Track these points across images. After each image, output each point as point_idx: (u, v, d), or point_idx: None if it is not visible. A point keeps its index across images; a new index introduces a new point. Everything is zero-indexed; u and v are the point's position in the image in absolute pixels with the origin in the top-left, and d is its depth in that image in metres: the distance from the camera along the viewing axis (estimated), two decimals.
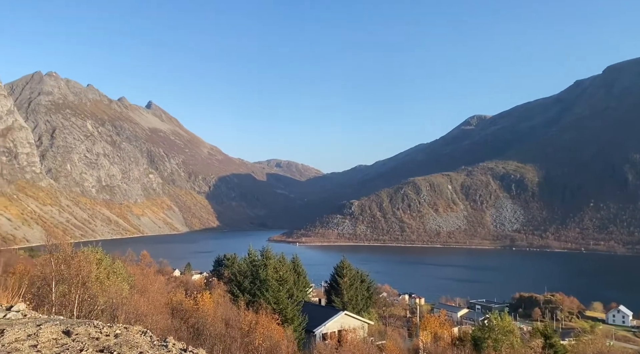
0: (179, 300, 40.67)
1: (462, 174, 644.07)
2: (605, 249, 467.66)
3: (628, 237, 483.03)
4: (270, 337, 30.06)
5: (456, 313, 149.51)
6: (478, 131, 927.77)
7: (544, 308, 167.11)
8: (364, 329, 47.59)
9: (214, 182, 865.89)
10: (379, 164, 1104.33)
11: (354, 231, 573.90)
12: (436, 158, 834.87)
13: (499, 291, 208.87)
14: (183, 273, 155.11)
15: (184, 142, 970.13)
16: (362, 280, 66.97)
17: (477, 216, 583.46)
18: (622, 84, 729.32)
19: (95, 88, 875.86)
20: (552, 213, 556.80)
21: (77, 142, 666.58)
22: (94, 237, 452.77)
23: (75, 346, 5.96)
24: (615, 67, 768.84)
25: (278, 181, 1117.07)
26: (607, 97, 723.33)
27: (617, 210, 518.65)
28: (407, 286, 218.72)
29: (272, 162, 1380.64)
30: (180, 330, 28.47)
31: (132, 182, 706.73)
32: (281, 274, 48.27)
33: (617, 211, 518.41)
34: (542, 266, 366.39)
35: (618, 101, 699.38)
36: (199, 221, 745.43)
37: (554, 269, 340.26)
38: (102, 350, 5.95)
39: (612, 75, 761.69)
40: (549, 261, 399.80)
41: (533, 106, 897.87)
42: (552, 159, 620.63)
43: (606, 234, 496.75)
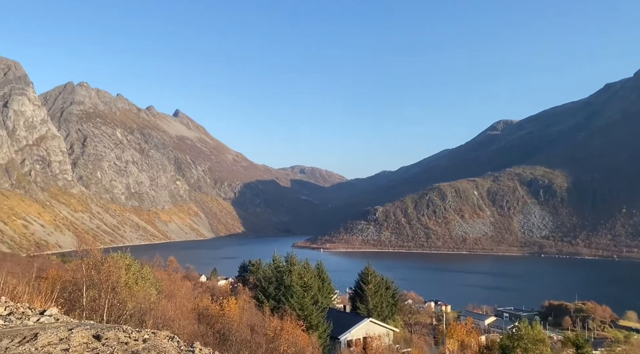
0: (205, 305, 41.12)
1: (488, 179, 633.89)
2: (638, 257, 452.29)
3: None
4: (295, 343, 30.08)
5: (483, 320, 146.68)
6: (504, 135, 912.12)
7: (575, 317, 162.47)
8: (389, 337, 47.18)
9: (239, 188, 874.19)
10: (404, 170, 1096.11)
11: (379, 237, 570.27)
12: (461, 164, 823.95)
13: (527, 298, 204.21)
14: (209, 278, 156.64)
15: (209, 149, 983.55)
16: (387, 287, 66.47)
17: (504, 222, 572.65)
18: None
19: (124, 97, 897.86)
20: (582, 219, 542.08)
21: (107, 150, 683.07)
22: (123, 243, 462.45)
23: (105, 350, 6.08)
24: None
25: (302, 187, 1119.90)
26: (639, 101, 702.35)
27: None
28: (433, 293, 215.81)
29: (296, 169, 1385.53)
30: (206, 335, 28.77)
31: (160, 189, 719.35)
32: (306, 281, 48.31)
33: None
34: (572, 273, 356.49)
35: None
36: (225, 227, 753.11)
37: (584, 277, 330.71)
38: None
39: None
40: (579, 269, 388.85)
41: (561, 110, 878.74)
42: (581, 164, 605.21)
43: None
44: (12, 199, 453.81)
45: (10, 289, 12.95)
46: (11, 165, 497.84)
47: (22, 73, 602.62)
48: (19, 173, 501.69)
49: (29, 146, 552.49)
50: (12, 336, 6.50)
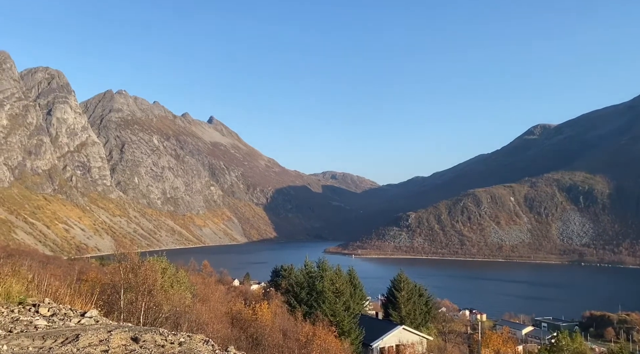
0: (238, 310, 41.50)
1: (525, 185, 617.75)
2: None
3: None
4: (327, 349, 29.98)
5: (520, 330, 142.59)
6: (542, 140, 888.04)
7: (618, 328, 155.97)
8: (422, 345, 46.46)
9: (271, 194, 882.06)
10: (437, 176, 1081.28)
11: (411, 244, 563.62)
12: (497, 169, 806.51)
13: (566, 308, 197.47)
14: (242, 282, 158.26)
15: (242, 155, 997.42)
16: (420, 294, 65.53)
17: (542, 229, 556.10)
18: None
19: (160, 105, 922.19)
20: (625, 227, 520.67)
21: (144, 156, 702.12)
22: (159, 247, 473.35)
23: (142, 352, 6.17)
24: None
25: (333, 192, 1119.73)
26: None
27: None
28: (467, 301, 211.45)
29: (327, 174, 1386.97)
30: (239, 339, 29.02)
31: (195, 194, 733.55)
32: (337, 286, 48.15)
33: None
34: (615, 283, 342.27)
35: None
36: (257, 232, 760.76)
37: (628, 287, 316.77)
38: None
39: None
40: (622, 278, 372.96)
41: (602, 113, 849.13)
42: (624, 169, 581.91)
43: None
44: (54, 204, 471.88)
45: (53, 291, 13.40)
46: (54, 171, 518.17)
47: (64, 82, 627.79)
48: (61, 179, 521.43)
49: (70, 152, 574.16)
50: (55, 336, 6.69)
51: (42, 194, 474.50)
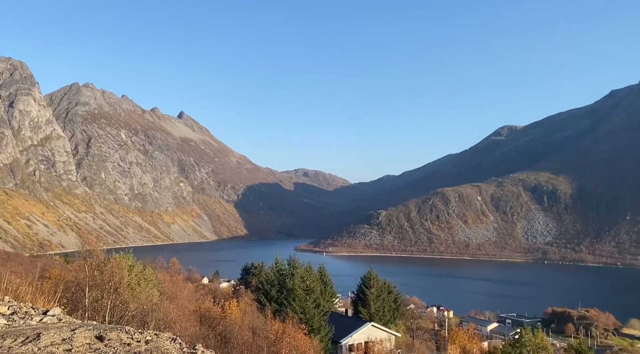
0: (207, 308, 41.10)
1: (492, 185, 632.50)
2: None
3: None
4: (296, 347, 30.00)
5: (486, 326, 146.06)
6: (509, 141, 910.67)
7: (578, 324, 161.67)
8: (391, 341, 47.03)
9: (242, 191, 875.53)
10: (407, 175, 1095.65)
11: (381, 242, 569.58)
12: (465, 169, 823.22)
13: (530, 305, 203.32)
14: (211, 280, 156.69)
15: (213, 151, 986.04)
16: (389, 291, 66.26)
17: (508, 228, 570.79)
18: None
19: (129, 99, 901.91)
20: (586, 226, 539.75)
21: (112, 151, 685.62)
22: (126, 244, 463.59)
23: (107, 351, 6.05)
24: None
25: (305, 190, 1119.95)
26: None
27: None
28: (435, 298, 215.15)
29: (299, 172, 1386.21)
30: (208, 337, 28.74)
31: (163, 191, 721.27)
32: (308, 284, 48.23)
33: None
34: (576, 280, 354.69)
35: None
36: (228, 229, 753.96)
37: (588, 284, 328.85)
38: None
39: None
40: (582, 276, 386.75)
41: (566, 116, 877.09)
42: (586, 170, 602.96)
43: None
44: (16, 199, 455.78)
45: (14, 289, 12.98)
46: (16, 165, 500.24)
47: (27, 73, 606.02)
48: (24, 173, 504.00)
49: (33, 146, 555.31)
50: (15, 335, 6.50)
51: (3, 189, 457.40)
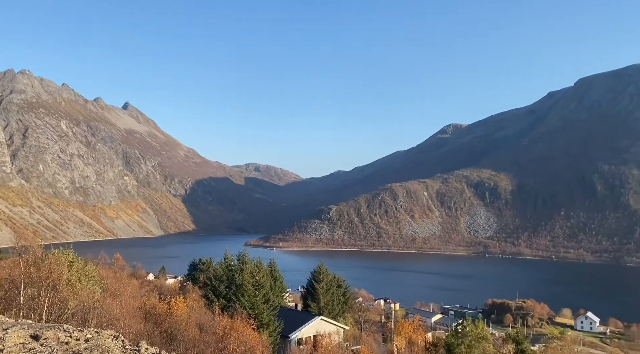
0: (152, 304, 40.05)
1: (437, 181, 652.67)
2: (574, 257, 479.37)
3: (596, 245, 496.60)
4: (245, 342, 29.83)
5: (430, 318, 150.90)
6: (454, 139, 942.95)
7: (516, 314, 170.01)
8: (339, 334, 47.66)
9: (190, 185, 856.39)
10: (358, 170, 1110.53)
11: (332, 236, 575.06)
12: (413, 165, 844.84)
13: (472, 297, 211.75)
14: (157, 276, 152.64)
15: (160, 144, 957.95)
16: (338, 285, 67.08)
17: (452, 223, 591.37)
18: (592, 97, 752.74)
19: (70, 88, 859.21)
20: (524, 221, 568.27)
21: (51, 143, 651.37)
22: (66, 240, 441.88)
23: (43, 350, 5.76)
24: (586, 80, 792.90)
25: (256, 185, 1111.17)
26: (578, 110, 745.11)
27: (587, 219, 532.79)
28: (382, 291, 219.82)
29: (250, 166, 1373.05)
30: (153, 335, 28.07)
31: (107, 184, 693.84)
32: (257, 279, 47.97)
33: (586, 220, 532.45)
34: (514, 272, 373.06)
35: (588, 113, 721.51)
36: (175, 224, 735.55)
37: (525, 276, 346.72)
38: None
39: (582, 88, 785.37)
40: (520, 268, 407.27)
41: (507, 116, 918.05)
42: (525, 168, 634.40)
43: (576, 242, 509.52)
44: None
45: None
46: None
47: None
48: None
49: None
50: None
51: None
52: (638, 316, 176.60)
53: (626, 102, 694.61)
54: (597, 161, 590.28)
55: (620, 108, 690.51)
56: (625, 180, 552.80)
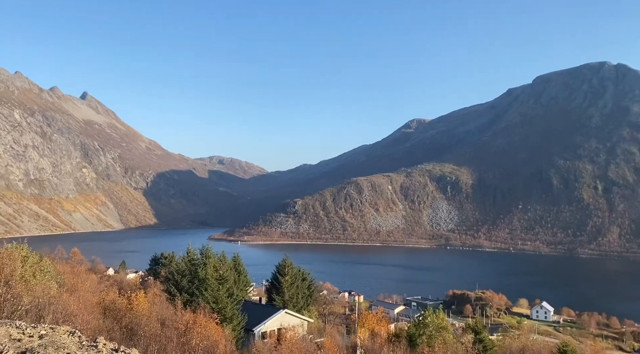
0: (111, 299, 39.07)
1: (401, 175, 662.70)
2: (531, 249, 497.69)
3: (551, 238, 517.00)
4: (207, 336, 29.55)
5: (393, 310, 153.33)
6: (417, 134, 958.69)
7: (475, 305, 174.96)
8: (303, 327, 47.85)
9: (152, 178, 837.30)
10: (323, 164, 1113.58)
11: (297, 230, 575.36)
12: (378, 159, 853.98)
13: (434, 288, 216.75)
14: (117, 271, 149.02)
15: (120, 135, 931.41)
16: (303, 278, 67.26)
17: (415, 216, 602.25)
18: (549, 94, 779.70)
19: (24, 76, 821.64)
20: (484, 214, 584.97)
21: (3, 133, 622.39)
22: (20, 234, 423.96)
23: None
24: (544, 78, 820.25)
25: (220, 178, 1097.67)
26: (536, 106, 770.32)
27: (543, 212, 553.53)
28: (347, 284, 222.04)
29: (214, 159, 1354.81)
30: (112, 330, 27.41)
31: (64, 177, 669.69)
32: (221, 273, 47.48)
33: (542, 213, 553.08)
34: (474, 264, 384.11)
35: (545, 109, 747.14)
36: (135, 218, 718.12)
37: (485, 268, 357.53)
38: (25, 352, 5.56)
39: (540, 85, 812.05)
40: (480, 260, 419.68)
41: (469, 111, 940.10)
42: (485, 163, 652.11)
43: (532, 234, 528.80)
44: None
45: None
46: None
47: None
48: None
49: None
50: None
51: None
52: (589, 305, 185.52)
53: (581, 100, 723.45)
54: (553, 156, 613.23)
55: (575, 105, 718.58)
56: (579, 175, 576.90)
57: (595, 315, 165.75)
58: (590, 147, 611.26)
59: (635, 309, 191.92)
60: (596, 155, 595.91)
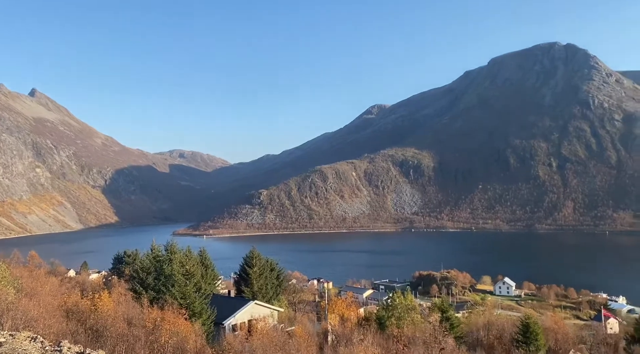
0: (74, 302, 37.91)
1: (365, 161, 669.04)
2: (492, 227, 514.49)
3: (511, 215, 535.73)
4: (177, 333, 29.14)
5: (362, 294, 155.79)
6: (379, 119, 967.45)
7: (441, 284, 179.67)
8: (273, 317, 47.89)
9: (110, 175, 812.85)
10: (287, 154, 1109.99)
11: (263, 221, 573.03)
12: (341, 146, 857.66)
13: (401, 271, 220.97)
14: (79, 272, 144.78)
15: (74, 132, 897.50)
16: (271, 269, 67.09)
17: (380, 201, 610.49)
18: (504, 75, 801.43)
19: None
20: (446, 196, 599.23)
21: None
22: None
23: None
24: (498, 60, 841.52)
25: (182, 172, 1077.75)
26: (492, 88, 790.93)
27: (502, 191, 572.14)
28: (316, 271, 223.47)
29: (175, 153, 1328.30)
30: (77, 333, 26.63)
31: (16, 178, 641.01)
32: (188, 268, 46.78)
33: (501, 192, 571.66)
34: (439, 245, 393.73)
35: (501, 91, 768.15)
36: (95, 217, 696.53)
37: (449, 248, 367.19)
38: None
39: (495, 67, 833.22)
40: (444, 241, 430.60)
41: (427, 95, 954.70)
42: (445, 145, 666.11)
43: (492, 213, 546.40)
44: None
45: None
46: None
47: None
48: None
49: None
50: None
51: None
52: (548, 278, 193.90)
53: (533, 80, 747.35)
54: (509, 136, 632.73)
55: (529, 85, 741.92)
56: (535, 153, 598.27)
57: (554, 287, 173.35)
58: (544, 125, 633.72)
59: (590, 279, 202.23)
60: (550, 133, 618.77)
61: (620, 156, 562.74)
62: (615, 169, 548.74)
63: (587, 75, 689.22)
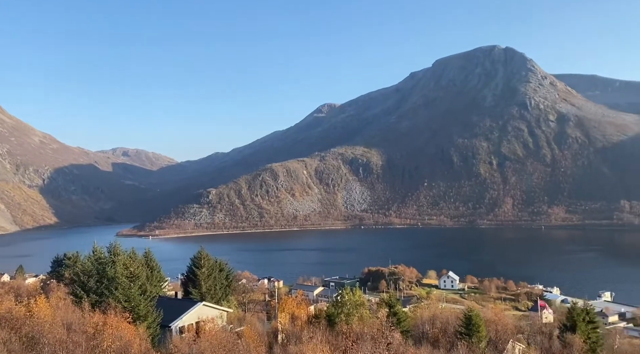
0: (6, 308, 35.83)
1: (315, 159, 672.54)
2: (437, 223, 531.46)
3: (454, 211, 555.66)
4: (120, 337, 28.24)
5: (312, 292, 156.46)
6: (329, 118, 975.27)
7: (389, 280, 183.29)
8: (222, 318, 47.34)
9: (48, 174, 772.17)
10: (236, 152, 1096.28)
11: (212, 220, 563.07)
12: (292, 144, 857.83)
13: (350, 267, 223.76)
14: (14, 277, 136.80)
15: (8, 129, 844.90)
16: (220, 269, 66.20)
17: (330, 199, 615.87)
18: (447, 76, 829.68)
19: None
20: (394, 193, 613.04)
21: None
22: None
23: None
24: (442, 61, 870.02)
25: (126, 171, 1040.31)
26: (436, 88, 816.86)
27: (446, 188, 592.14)
28: (266, 271, 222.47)
29: (118, 151, 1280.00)
30: (10, 341, 25.23)
31: None
32: (132, 270, 45.33)
33: (445, 189, 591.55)
34: (387, 241, 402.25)
35: (445, 91, 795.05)
36: (32, 218, 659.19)
37: (396, 244, 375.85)
38: None
39: (440, 68, 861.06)
40: (392, 237, 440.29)
41: (376, 95, 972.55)
42: (392, 144, 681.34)
43: (437, 209, 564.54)
44: None
45: None
46: None
47: None
48: None
49: None
50: None
51: None
52: (489, 271, 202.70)
53: (475, 82, 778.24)
54: (453, 135, 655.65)
55: (471, 87, 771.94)
56: (476, 152, 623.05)
57: (494, 280, 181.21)
58: (485, 125, 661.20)
59: (527, 272, 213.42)
60: (490, 133, 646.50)
61: (555, 154, 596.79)
62: (550, 167, 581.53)
63: (524, 78, 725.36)
